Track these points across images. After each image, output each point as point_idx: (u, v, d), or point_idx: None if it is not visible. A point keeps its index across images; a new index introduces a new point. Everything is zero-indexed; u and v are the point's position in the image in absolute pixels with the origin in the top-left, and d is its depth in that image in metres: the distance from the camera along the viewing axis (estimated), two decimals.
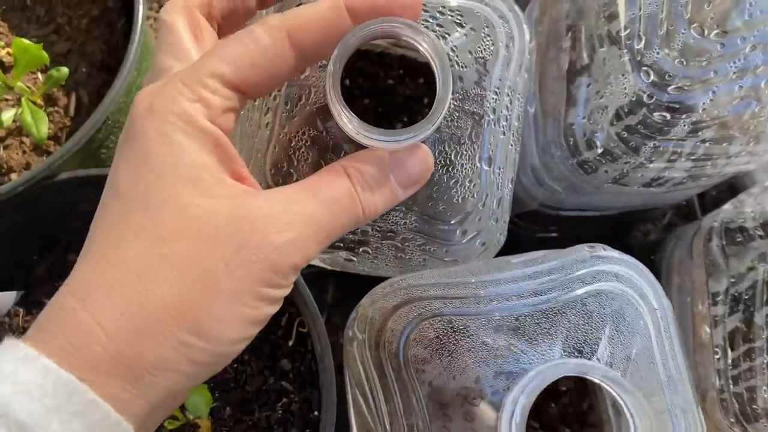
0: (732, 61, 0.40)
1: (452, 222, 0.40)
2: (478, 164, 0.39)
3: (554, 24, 0.50)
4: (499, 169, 0.40)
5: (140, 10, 0.59)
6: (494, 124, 0.40)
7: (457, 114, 0.39)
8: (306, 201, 0.30)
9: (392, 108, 0.49)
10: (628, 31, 0.42)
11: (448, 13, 0.39)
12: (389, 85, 0.50)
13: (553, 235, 0.64)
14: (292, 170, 0.40)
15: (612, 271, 0.35)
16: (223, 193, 0.29)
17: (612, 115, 0.44)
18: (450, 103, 0.35)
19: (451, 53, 0.39)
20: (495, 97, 0.40)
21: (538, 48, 0.52)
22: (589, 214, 0.58)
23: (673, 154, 0.45)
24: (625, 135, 0.44)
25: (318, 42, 0.31)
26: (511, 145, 0.40)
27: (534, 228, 0.63)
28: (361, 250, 0.42)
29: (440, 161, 0.39)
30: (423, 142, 0.33)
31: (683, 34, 0.40)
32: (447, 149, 0.39)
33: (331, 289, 0.76)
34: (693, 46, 0.40)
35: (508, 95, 0.40)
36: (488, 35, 0.40)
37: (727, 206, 0.54)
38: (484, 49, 0.40)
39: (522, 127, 0.41)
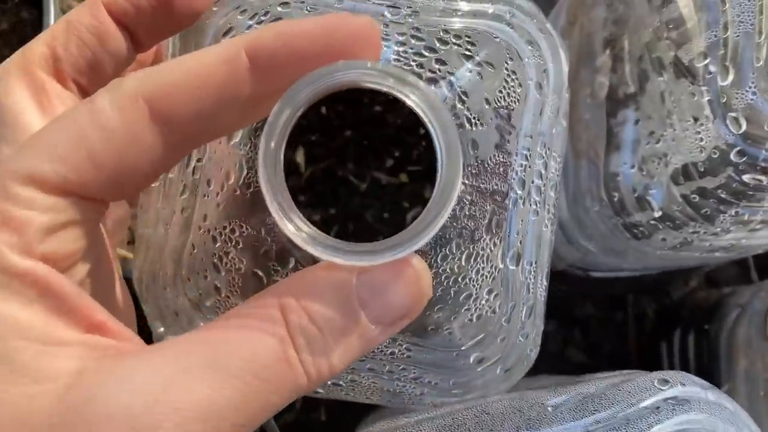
0: None
1: (463, 348, 0.28)
2: (500, 265, 0.28)
3: (587, 37, 0.38)
4: (531, 264, 0.29)
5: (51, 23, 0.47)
6: (523, 203, 0.28)
7: (469, 198, 0.28)
8: (200, 378, 0.19)
9: (381, 141, 0.41)
10: (707, 61, 0.30)
11: (453, 41, 0.27)
12: (376, 112, 0.41)
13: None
14: (218, 283, 0.28)
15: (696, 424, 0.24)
16: (51, 372, 0.18)
17: (676, 169, 0.33)
18: (459, 187, 0.23)
19: (459, 105, 0.27)
20: (524, 162, 0.29)
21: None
22: (625, 274, 0.47)
23: (761, 223, 0.34)
24: (697, 199, 0.33)
25: (201, 113, 0.20)
26: (547, 226, 0.29)
27: (559, 288, 0.52)
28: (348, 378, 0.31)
29: (444, 273, 0.27)
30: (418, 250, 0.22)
31: None
32: (455, 251, 0.28)
33: (322, 410, 0.65)
34: None
35: (542, 156, 0.29)
36: (513, 72, 0.28)
37: None
38: (508, 94, 0.28)
39: (559, 193, 0.30)
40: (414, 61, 0.27)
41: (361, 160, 0.42)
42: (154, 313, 0.28)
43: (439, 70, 0.27)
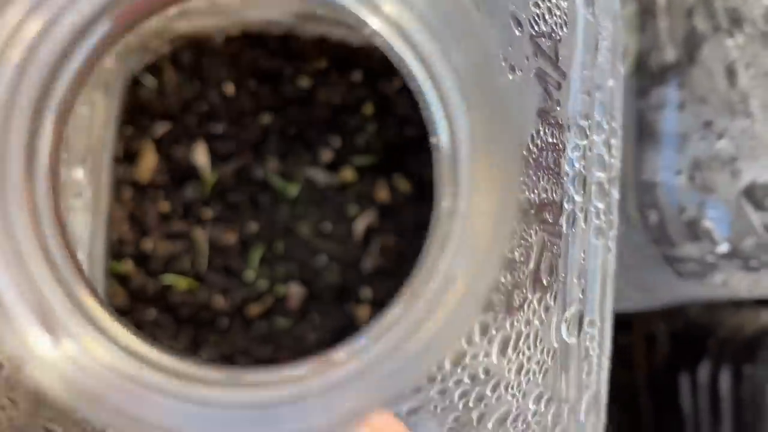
0: None
1: None
2: (555, 343, 0.17)
3: None
4: (595, 325, 0.18)
5: None
6: (584, 218, 0.17)
7: (511, 228, 0.16)
8: None
9: (312, 127, 0.31)
10: None
11: None
12: (303, 89, 0.31)
13: None
14: None
15: None
16: None
17: (753, 184, 0.21)
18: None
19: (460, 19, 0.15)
20: (583, 143, 0.17)
21: None
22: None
23: None
24: None
25: None
26: (610, 250, 0.18)
27: None
28: None
29: (458, 388, 0.16)
30: None
31: None
32: (477, 344, 0.16)
33: None
34: None
35: (602, 128, 0.17)
36: None
37: None
38: (548, 10, 0.17)
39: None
40: None
41: (287, 155, 0.31)
42: None
43: None
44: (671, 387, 0.47)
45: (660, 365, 0.52)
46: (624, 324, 0.59)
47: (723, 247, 0.24)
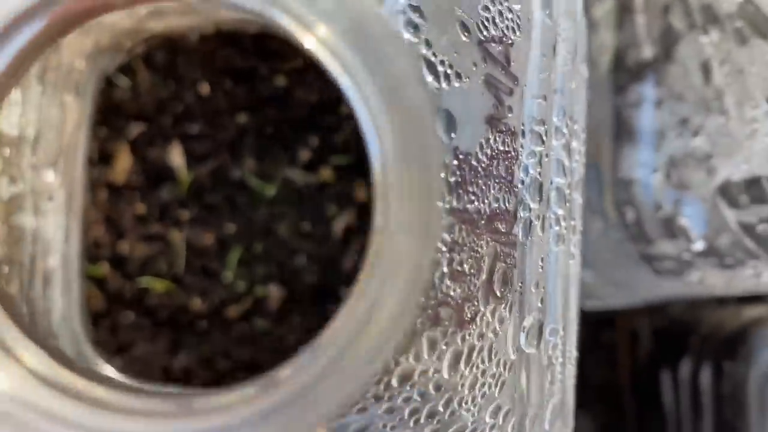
0: None
1: None
2: (512, 355, 0.16)
3: None
4: (557, 334, 0.17)
5: None
6: (541, 226, 0.17)
7: (450, 240, 0.16)
8: None
9: (289, 126, 0.30)
10: None
11: None
12: (279, 87, 0.30)
13: None
14: None
15: None
16: None
17: (728, 182, 0.21)
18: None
19: (409, 35, 0.15)
20: (538, 149, 0.17)
21: None
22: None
23: None
24: (765, 232, 0.22)
25: None
26: (574, 257, 0.18)
27: None
28: None
29: (407, 405, 0.15)
30: None
31: None
32: (425, 358, 0.16)
33: None
34: None
35: (561, 133, 0.17)
36: None
37: None
38: (500, 12, 0.16)
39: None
40: None
41: (264, 155, 0.31)
42: None
43: None
44: (653, 384, 0.48)
45: (643, 363, 0.52)
46: (607, 321, 0.59)
47: (699, 245, 0.24)
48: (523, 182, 0.17)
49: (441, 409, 0.16)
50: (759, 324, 0.40)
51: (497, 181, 0.17)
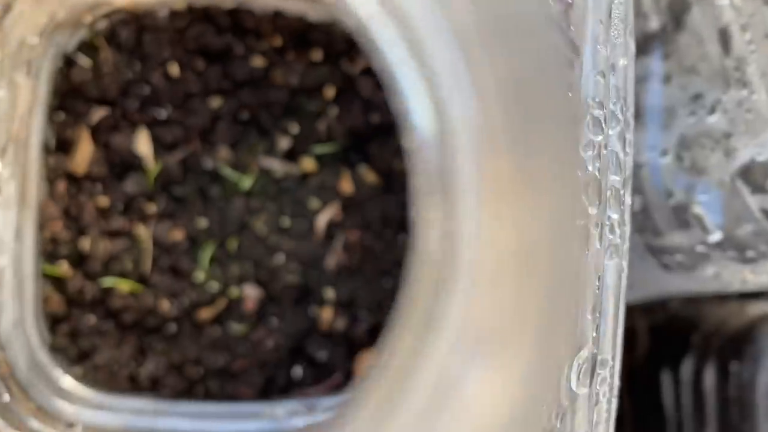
0: None
1: None
2: (564, 401, 0.14)
3: None
4: (607, 365, 0.15)
5: None
6: (599, 236, 0.14)
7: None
8: None
9: (267, 111, 0.29)
10: None
11: None
12: (256, 69, 0.28)
13: None
14: None
15: None
16: None
17: (750, 163, 0.19)
18: None
19: None
20: (597, 138, 0.15)
21: None
22: None
23: None
24: None
25: None
26: (623, 270, 0.15)
27: None
28: None
29: None
30: None
31: None
32: None
33: None
34: None
35: (617, 119, 0.15)
36: None
37: None
38: None
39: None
40: None
41: (239, 143, 0.28)
42: None
43: None
44: (652, 385, 0.46)
45: (640, 362, 0.50)
46: None
47: (715, 236, 0.22)
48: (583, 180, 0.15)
49: None
50: (766, 322, 0.38)
51: None
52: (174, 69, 0.28)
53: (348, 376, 0.28)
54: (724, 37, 0.20)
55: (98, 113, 0.27)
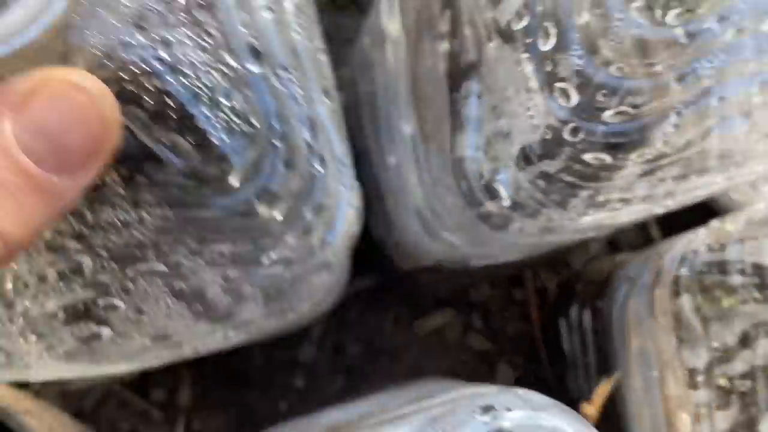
0: (706, 59, 0.25)
1: (236, 186, 0.22)
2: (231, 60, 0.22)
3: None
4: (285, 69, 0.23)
5: None
6: None
7: None
8: None
9: None
10: (525, 24, 0.25)
11: None
12: None
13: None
14: None
15: None
16: None
17: (517, 152, 0.28)
18: None
19: None
20: None
21: (407, 35, 0.35)
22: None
23: (620, 202, 0.30)
24: (543, 184, 0.29)
25: None
26: None
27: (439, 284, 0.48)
28: None
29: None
30: None
31: (620, 20, 0.24)
32: None
33: (186, 387, 0.60)
34: (641, 40, 0.24)
35: None
36: None
37: (699, 242, 0.39)
38: None
39: None
40: None
41: None
42: None
43: None
44: (555, 331, 0.55)
45: (548, 314, 0.59)
46: (518, 281, 0.66)
47: (507, 202, 0.31)
48: None
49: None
50: (619, 266, 0.47)
51: None
52: None
53: None
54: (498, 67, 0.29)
55: None
